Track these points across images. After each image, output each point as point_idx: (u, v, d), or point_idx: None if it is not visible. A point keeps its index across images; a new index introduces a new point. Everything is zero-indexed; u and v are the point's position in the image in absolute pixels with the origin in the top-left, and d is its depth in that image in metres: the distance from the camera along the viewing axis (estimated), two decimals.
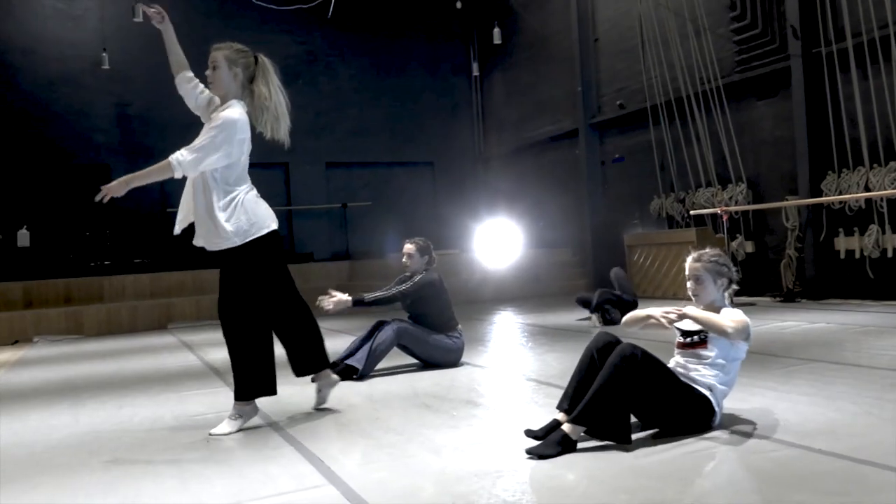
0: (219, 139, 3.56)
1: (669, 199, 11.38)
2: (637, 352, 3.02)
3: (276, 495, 2.70)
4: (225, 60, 3.70)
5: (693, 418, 3.18)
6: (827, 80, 8.93)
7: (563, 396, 3.20)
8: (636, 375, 2.99)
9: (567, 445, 2.95)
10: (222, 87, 3.74)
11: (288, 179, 15.33)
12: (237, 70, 3.73)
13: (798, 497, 2.42)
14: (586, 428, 2.98)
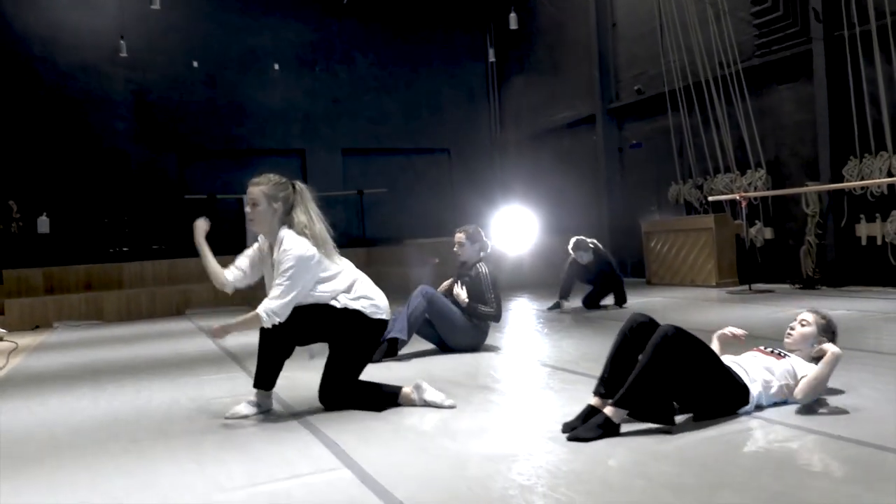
0: (295, 277, 3.60)
1: (687, 185, 11.27)
2: (679, 332, 3.01)
3: (292, 478, 2.70)
4: (265, 197, 3.73)
5: (727, 402, 3.16)
6: (850, 63, 8.78)
7: (599, 381, 3.16)
8: (679, 355, 2.97)
9: (609, 429, 2.92)
10: (265, 223, 3.76)
11: (304, 167, 15.36)
12: (277, 205, 3.74)
13: (819, 483, 2.39)
14: (629, 411, 2.95)
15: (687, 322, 6.63)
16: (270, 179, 3.77)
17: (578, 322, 7.10)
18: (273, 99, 15.00)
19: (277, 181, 3.77)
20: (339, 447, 3.07)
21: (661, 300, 8.73)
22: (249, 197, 3.75)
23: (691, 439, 2.92)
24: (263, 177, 3.78)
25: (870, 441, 2.77)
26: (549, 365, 4.78)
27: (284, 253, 3.61)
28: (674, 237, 10.58)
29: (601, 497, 2.35)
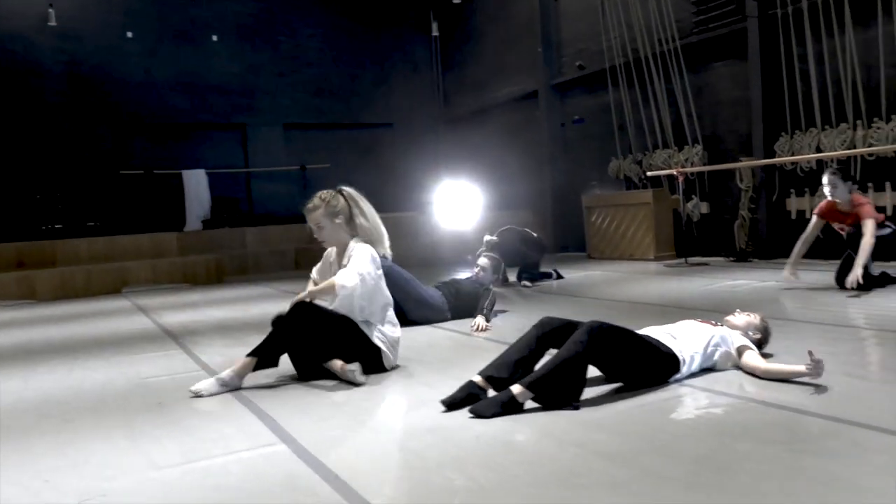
0: (366, 263, 3.83)
1: (627, 160, 11.46)
2: (604, 325, 3.08)
3: (227, 454, 2.69)
4: (326, 218, 3.91)
5: (657, 373, 3.26)
6: (782, 41, 9.01)
7: (499, 366, 3.16)
8: (603, 347, 3.05)
9: (511, 407, 2.92)
10: (335, 240, 3.98)
11: (245, 141, 15.08)
12: (339, 220, 3.93)
13: (742, 446, 2.49)
14: (536, 395, 2.97)
15: (624, 294, 6.81)
16: (323, 199, 3.93)
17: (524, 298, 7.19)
18: (212, 72, 14.64)
19: (329, 199, 3.93)
20: (276, 423, 3.07)
21: (601, 273, 8.89)
22: (312, 223, 3.94)
23: (624, 407, 3.00)
24: (315, 199, 3.95)
25: (790, 405, 2.89)
26: (495, 340, 4.84)
27: (357, 252, 3.87)
28: (614, 211, 10.76)
29: (534, 465, 2.41)
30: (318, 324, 3.72)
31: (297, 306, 3.74)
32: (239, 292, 9.07)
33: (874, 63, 8.12)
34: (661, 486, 2.18)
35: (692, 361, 3.35)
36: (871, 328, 4.46)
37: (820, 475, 2.19)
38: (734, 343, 3.47)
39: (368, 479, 2.36)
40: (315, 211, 3.90)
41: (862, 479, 2.14)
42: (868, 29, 8.19)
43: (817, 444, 2.47)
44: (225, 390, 3.62)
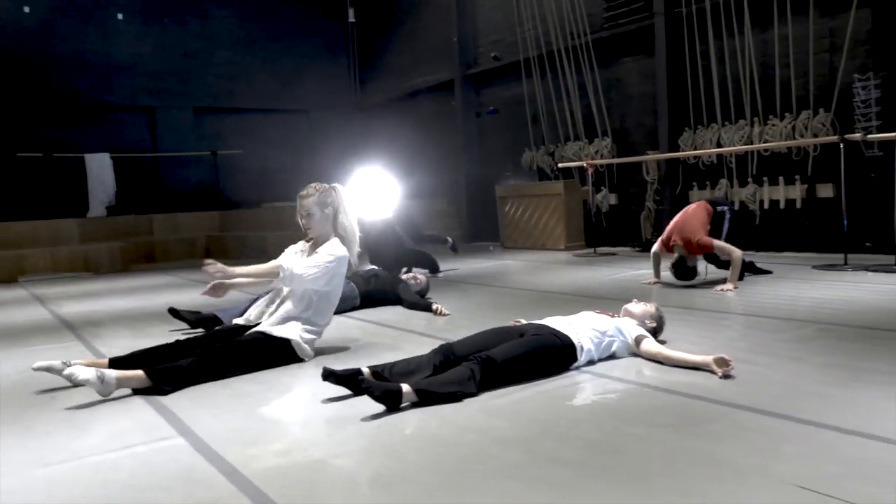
0: (331, 268, 3.87)
1: (540, 151, 11.66)
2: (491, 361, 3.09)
3: (121, 449, 2.61)
4: (317, 206, 3.96)
5: (554, 365, 3.34)
6: (687, 39, 9.34)
7: (395, 373, 3.14)
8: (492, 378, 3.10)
9: (392, 399, 2.84)
10: (320, 229, 4.01)
11: (154, 125, 14.54)
12: (328, 211, 3.99)
13: (634, 430, 2.59)
14: (419, 402, 2.92)
15: (535, 283, 6.94)
16: (317, 189, 4.00)
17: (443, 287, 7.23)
18: (118, 51, 14.04)
19: (322, 188, 4.01)
20: (175, 416, 2.99)
21: (513, 263, 9.04)
22: (303, 209, 3.96)
23: (524, 394, 3.07)
24: (310, 187, 4.01)
25: (681, 390, 3.03)
26: (395, 327, 4.86)
27: (329, 250, 3.90)
28: (527, 202, 10.94)
29: (433, 452, 2.44)
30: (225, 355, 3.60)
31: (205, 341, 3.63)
32: (144, 281, 8.78)
33: (770, 63, 8.52)
34: (554, 469, 2.25)
35: (590, 351, 3.45)
36: (755, 315, 4.70)
37: (703, 456, 2.30)
38: (631, 333, 3.60)
39: (267, 472, 2.34)
40: (308, 198, 3.94)
41: (741, 458, 2.26)
42: (765, 30, 8.58)
43: (702, 426, 2.59)
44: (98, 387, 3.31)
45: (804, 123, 8.15)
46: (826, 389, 2.97)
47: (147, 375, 3.35)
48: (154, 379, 3.34)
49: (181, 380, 3.41)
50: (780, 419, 2.61)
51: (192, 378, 3.45)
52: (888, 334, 3.95)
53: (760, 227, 8.71)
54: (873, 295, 5.25)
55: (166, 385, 3.35)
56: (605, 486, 2.10)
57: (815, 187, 8.22)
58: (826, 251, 7.84)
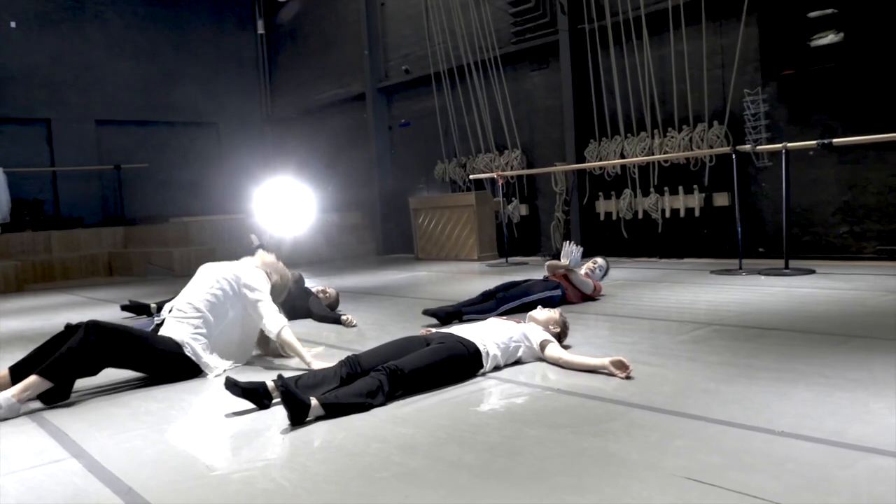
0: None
1: (452, 163, 11.79)
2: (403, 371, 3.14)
3: (7, 474, 2.48)
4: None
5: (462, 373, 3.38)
6: (590, 54, 9.65)
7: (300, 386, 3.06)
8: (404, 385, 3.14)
9: (299, 414, 2.82)
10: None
11: (51, 137, 13.92)
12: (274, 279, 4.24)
13: (534, 432, 2.65)
14: (326, 415, 2.89)
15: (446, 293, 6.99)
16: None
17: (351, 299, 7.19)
18: (11, 60, 13.39)
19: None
20: (67, 437, 2.88)
21: (426, 274, 9.09)
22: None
23: (431, 401, 3.10)
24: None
25: (581, 391, 3.12)
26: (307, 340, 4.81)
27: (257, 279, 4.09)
28: (440, 213, 11.03)
29: (337, 462, 2.43)
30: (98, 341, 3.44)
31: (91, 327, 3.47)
32: (42, 301, 8.38)
33: (668, 78, 8.90)
34: (455, 473, 2.28)
35: (496, 357, 3.52)
36: (655, 318, 4.89)
37: (599, 454, 2.38)
38: (536, 338, 3.69)
39: (164, 491, 2.28)
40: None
41: (634, 454, 2.35)
42: (662, 46, 8.97)
43: (600, 426, 2.68)
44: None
45: (700, 135, 8.55)
46: (715, 386, 3.12)
47: (41, 376, 3.23)
48: (49, 377, 3.24)
49: (69, 365, 3.31)
50: (672, 416, 2.73)
51: (77, 359, 3.33)
52: (774, 333, 4.18)
53: (663, 234, 9.07)
54: (764, 297, 5.55)
55: (60, 379, 3.27)
56: (503, 488, 2.15)
57: (711, 196, 8.62)
58: (723, 257, 8.23)
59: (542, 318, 3.88)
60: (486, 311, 5.07)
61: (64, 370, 3.31)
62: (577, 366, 3.49)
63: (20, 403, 3.18)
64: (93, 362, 3.43)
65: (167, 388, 3.63)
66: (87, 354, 3.37)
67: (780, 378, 3.18)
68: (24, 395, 3.20)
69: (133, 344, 3.57)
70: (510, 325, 3.76)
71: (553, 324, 3.86)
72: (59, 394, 3.33)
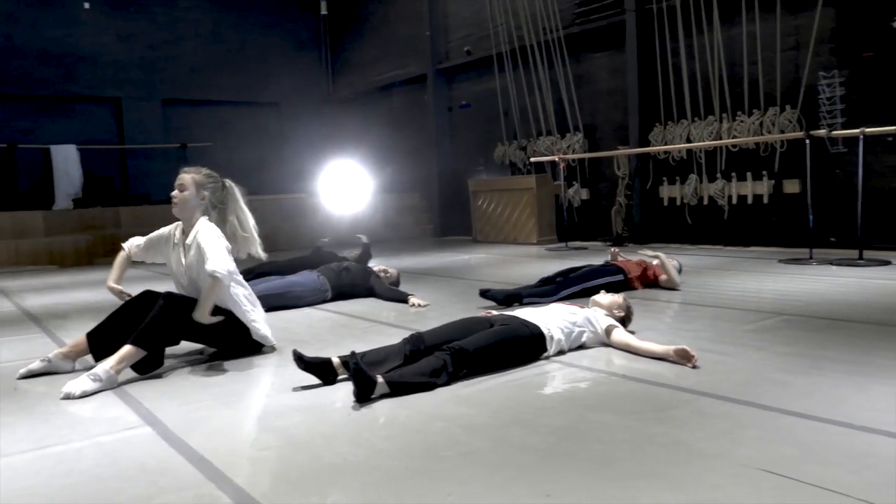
0: (222, 246, 3.68)
1: (512, 146, 11.70)
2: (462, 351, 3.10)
3: (84, 439, 2.57)
4: (193, 184, 3.78)
5: (524, 355, 3.36)
6: (657, 35, 9.42)
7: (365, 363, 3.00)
8: (464, 367, 3.10)
9: (367, 390, 2.83)
10: (188, 208, 3.79)
11: (120, 117, 14.32)
12: (205, 193, 3.81)
13: (599, 417, 2.61)
14: (391, 393, 2.91)
15: (504, 276, 6.96)
16: (201, 171, 3.85)
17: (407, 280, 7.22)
18: (83, 41, 13.80)
19: (208, 173, 3.85)
20: (141, 405, 2.96)
21: (485, 256, 9.07)
22: (178, 181, 3.78)
23: (493, 383, 3.09)
24: (196, 167, 3.87)
25: (646, 378, 3.07)
26: (370, 319, 4.85)
27: (205, 233, 3.68)
28: (499, 196, 10.98)
29: (400, 439, 2.44)
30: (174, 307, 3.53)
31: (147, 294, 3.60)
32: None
33: (738, 60, 8.63)
34: (519, 455, 2.26)
35: (560, 341, 3.48)
36: (720, 307, 4.77)
37: (666, 441, 2.33)
38: (601, 323, 3.63)
39: (234, 459, 2.33)
40: (189, 173, 3.81)
41: (703, 442, 2.29)
42: (733, 28, 8.70)
43: (666, 412, 2.62)
44: (48, 368, 3.52)
45: (771, 120, 8.27)
46: (786, 377, 3.03)
47: (135, 345, 3.34)
48: (143, 346, 3.36)
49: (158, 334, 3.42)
50: (742, 405, 2.66)
51: (164, 327, 3.44)
52: (847, 324, 4.04)
53: (728, 221, 8.84)
54: (835, 287, 5.36)
55: (152, 347, 3.39)
56: (568, 471, 2.12)
57: (781, 183, 8.35)
58: (792, 246, 7.98)
59: (606, 302, 3.83)
60: (547, 296, 5.03)
61: (155, 338, 3.41)
62: (643, 352, 3.43)
63: (117, 374, 3.28)
64: (176, 332, 3.54)
65: (231, 362, 3.70)
66: (171, 323, 3.48)
67: (855, 371, 3.07)
68: (121, 366, 3.30)
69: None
70: (574, 309, 3.71)
71: (617, 308, 3.80)
72: (152, 363, 3.43)
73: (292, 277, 5.64)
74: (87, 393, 3.13)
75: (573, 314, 3.64)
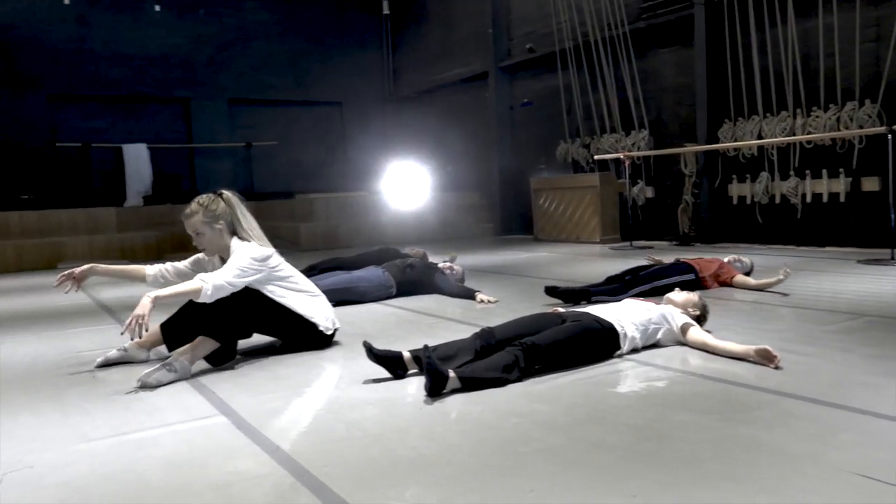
0: (248, 270, 3.58)
1: (575, 143, 11.54)
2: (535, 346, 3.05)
3: (161, 426, 2.61)
4: (204, 225, 3.67)
5: (598, 352, 3.29)
6: (727, 29, 9.16)
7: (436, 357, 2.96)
8: (536, 362, 3.05)
9: (439, 384, 2.81)
10: (215, 248, 3.76)
11: (189, 116, 14.68)
12: (218, 225, 3.70)
13: (679, 416, 2.53)
14: (462, 388, 2.87)
15: (567, 275, 6.86)
16: (201, 204, 3.68)
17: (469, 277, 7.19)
18: (154, 42, 14.18)
19: (207, 203, 3.69)
20: (215, 395, 3.00)
21: (547, 255, 8.96)
22: (191, 229, 3.69)
23: (566, 380, 3.02)
24: (193, 204, 3.69)
25: (725, 378, 2.96)
26: (435, 315, 4.83)
27: (240, 251, 3.62)
28: (561, 194, 10.84)
29: (474, 434, 2.40)
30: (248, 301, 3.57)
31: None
32: None
33: (813, 53, 8.32)
34: (598, 453, 2.20)
35: (634, 338, 3.39)
36: (798, 307, 4.59)
37: (752, 442, 2.23)
38: (677, 321, 3.53)
39: (308, 450, 2.32)
40: (193, 217, 3.66)
41: (793, 445, 2.19)
42: (808, 19, 8.39)
43: (749, 413, 2.52)
44: (125, 358, 3.61)
45: (849, 115, 7.95)
46: (876, 379, 2.88)
47: (208, 336, 3.38)
48: (216, 337, 3.39)
49: (230, 326, 3.46)
50: (830, 407, 2.54)
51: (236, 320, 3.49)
52: None
53: (802, 221, 8.53)
54: None
55: (225, 339, 3.42)
56: (650, 471, 2.05)
57: (860, 180, 8.01)
58: (871, 246, 7.63)
59: (681, 300, 3.71)
60: (615, 294, 4.92)
61: (228, 330, 3.46)
62: (721, 351, 3.31)
63: (191, 364, 3.33)
64: (248, 325, 3.58)
65: (301, 355, 3.71)
66: (244, 316, 3.52)
67: None
68: (194, 356, 3.35)
69: (275, 309, 3.67)
70: (648, 306, 3.61)
71: (692, 306, 3.69)
72: (224, 354, 3.47)
73: (358, 273, 5.66)
74: (161, 382, 3.19)
75: (648, 311, 3.54)
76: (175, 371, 3.25)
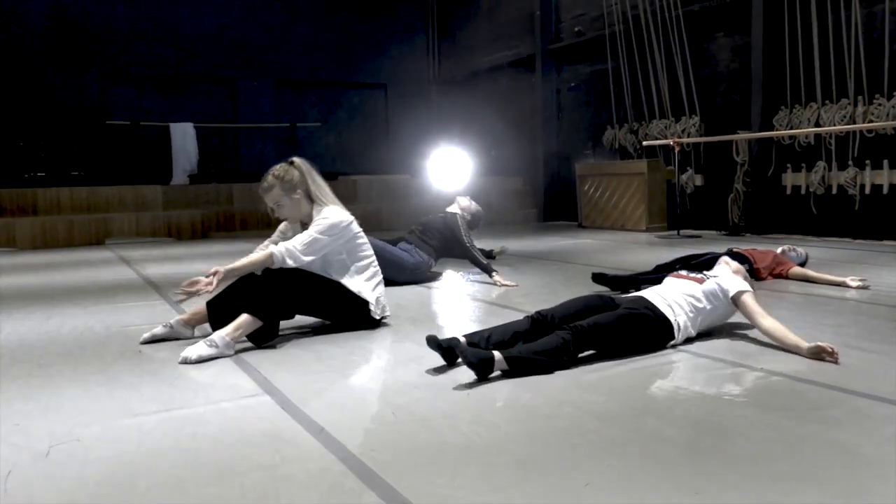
0: (325, 238, 3.65)
1: (623, 129, 11.31)
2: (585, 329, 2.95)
3: (207, 404, 2.58)
4: (284, 195, 3.70)
5: (650, 342, 3.17)
6: (787, 13, 8.84)
7: (491, 343, 2.98)
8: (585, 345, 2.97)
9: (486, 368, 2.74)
10: (297, 216, 3.79)
11: (235, 96, 14.76)
12: (297, 195, 3.73)
13: (739, 411, 2.41)
14: (510, 371, 2.80)
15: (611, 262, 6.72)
16: (277, 176, 3.70)
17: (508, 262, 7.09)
18: (203, 23, 14.26)
19: (281, 175, 3.70)
20: (259, 374, 2.96)
21: (592, 242, 8.81)
22: (271, 202, 3.72)
23: (619, 370, 2.92)
24: (269, 177, 3.71)
25: (788, 373, 2.82)
26: (480, 300, 4.75)
27: (321, 219, 3.67)
28: (607, 181, 10.64)
29: (527, 423, 2.32)
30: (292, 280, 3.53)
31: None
32: (224, 247, 8.91)
33: (878, 39, 7.98)
34: (658, 447, 2.09)
35: (687, 328, 3.26)
36: (860, 301, 4.40)
37: (822, 443, 2.11)
38: (730, 289, 3.33)
39: (354, 432, 2.27)
40: (271, 190, 3.69)
41: (867, 447, 2.06)
42: (873, 3, 8.04)
43: (819, 412, 2.39)
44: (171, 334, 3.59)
45: None
46: None
47: (251, 315, 3.34)
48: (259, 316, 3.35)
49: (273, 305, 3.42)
50: None
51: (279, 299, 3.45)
52: None
53: (859, 212, 8.23)
54: None
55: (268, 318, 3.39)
56: (716, 468, 1.94)
57: None
58: None
59: (734, 266, 3.56)
60: None
61: (271, 310, 3.41)
62: (771, 332, 3.14)
63: (233, 342, 3.30)
64: (292, 305, 3.53)
65: (346, 335, 3.66)
66: (288, 296, 3.48)
67: None
68: (237, 333, 3.32)
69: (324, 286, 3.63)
70: (693, 285, 3.39)
71: (743, 275, 3.52)
72: (267, 333, 3.44)
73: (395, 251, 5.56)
74: (202, 358, 3.17)
75: (693, 288, 3.35)
76: (216, 347, 3.23)
